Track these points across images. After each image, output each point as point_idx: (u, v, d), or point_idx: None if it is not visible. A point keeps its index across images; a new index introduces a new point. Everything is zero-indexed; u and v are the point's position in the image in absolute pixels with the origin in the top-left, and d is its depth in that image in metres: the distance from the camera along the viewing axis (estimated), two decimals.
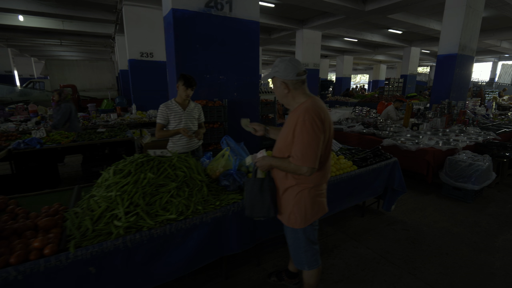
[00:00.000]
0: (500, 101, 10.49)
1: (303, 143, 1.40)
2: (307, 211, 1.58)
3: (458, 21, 6.70)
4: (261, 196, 1.58)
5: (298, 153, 1.42)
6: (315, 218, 1.64)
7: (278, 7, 10.01)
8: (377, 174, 2.86)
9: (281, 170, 1.54)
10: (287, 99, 1.56)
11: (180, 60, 3.34)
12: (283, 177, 1.59)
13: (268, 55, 22.29)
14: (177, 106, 2.66)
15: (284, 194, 1.61)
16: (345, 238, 2.75)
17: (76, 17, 10.34)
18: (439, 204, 3.55)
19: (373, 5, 8.75)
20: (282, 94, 1.54)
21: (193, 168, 1.96)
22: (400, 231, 2.89)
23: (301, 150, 1.41)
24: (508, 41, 15.66)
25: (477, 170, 3.48)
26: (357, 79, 44.59)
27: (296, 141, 1.43)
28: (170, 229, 1.62)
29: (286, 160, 1.49)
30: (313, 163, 1.42)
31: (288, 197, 1.59)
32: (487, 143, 4.31)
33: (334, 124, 5.67)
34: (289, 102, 1.56)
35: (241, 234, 1.92)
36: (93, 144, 4.10)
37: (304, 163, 1.41)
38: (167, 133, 2.62)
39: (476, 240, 2.74)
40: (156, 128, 2.67)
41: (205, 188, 1.89)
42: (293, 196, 1.57)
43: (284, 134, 1.53)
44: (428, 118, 5.71)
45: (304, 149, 1.40)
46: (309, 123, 1.39)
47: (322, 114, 1.45)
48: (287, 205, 1.60)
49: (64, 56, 20.69)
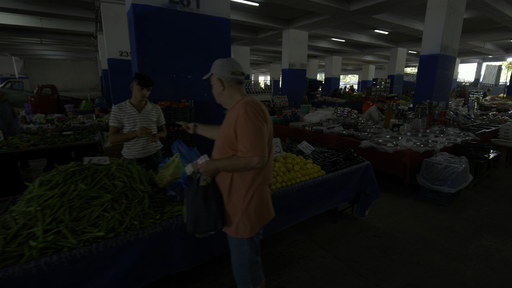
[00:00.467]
0: (482, 101, 10.61)
1: (249, 133, 1.34)
2: (257, 215, 1.47)
3: (439, 21, 6.69)
4: (206, 207, 1.42)
5: (246, 144, 1.34)
6: (262, 224, 1.52)
7: (262, 6, 9.87)
8: (347, 179, 2.72)
9: (229, 171, 1.43)
10: (223, 97, 1.52)
11: (142, 59, 3.14)
12: (228, 181, 1.45)
13: (257, 55, 22.16)
14: (132, 108, 2.46)
15: (230, 200, 1.46)
16: (314, 247, 2.60)
17: (54, 14, 9.95)
18: (416, 208, 3.45)
19: (358, 5, 8.71)
20: (218, 91, 1.52)
21: (135, 177, 1.77)
22: (372, 238, 2.76)
23: (249, 140, 1.34)
24: (491, 42, 15.95)
25: (453, 172, 3.40)
26: (347, 80, 44.99)
27: (242, 134, 1.36)
28: (97, 248, 1.42)
29: (234, 157, 1.39)
30: (263, 151, 1.36)
31: (236, 203, 1.45)
32: (465, 144, 4.25)
33: (314, 125, 5.55)
34: (226, 101, 1.52)
35: (188, 249, 1.74)
36: (56, 148, 3.85)
37: (254, 153, 1.34)
38: (121, 137, 2.40)
39: (449, 246, 2.64)
40: (109, 131, 2.46)
41: (147, 199, 1.71)
42: (241, 200, 1.44)
43: (224, 132, 1.45)
44: (409, 118, 5.64)
45: (251, 139, 1.34)
46: (251, 112, 1.36)
47: (262, 107, 1.44)
48: (235, 212, 1.45)
49: (47, 55, 20.06)
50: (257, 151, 1.34)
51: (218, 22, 3.50)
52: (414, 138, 4.47)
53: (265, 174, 1.51)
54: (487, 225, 3.04)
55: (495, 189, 4.11)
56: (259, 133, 1.36)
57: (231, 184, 1.45)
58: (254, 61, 25.61)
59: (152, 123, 2.59)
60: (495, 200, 3.72)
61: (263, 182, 1.50)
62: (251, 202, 1.44)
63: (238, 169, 1.40)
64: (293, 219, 2.37)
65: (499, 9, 8.70)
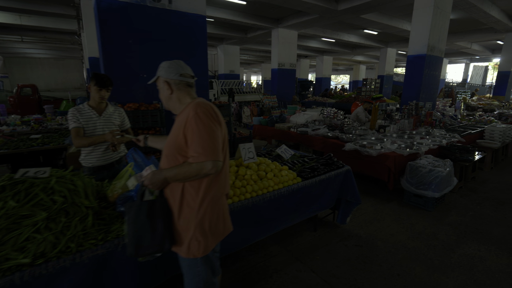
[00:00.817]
0: (469, 102, 10.68)
1: (201, 136, 1.21)
2: (212, 230, 1.31)
3: (426, 21, 6.64)
4: (150, 225, 1.24)
5: (198, 148, 1.21)
6: (218, 239, 1.36)
7: (250, 5, 9.69)
8: (326, 186, 2.57)
9: (180, 180, 1.26)
10: (172, 102, 1.38)
11: (108, 57, 2.92)
12: (179, 192, 1.28)
13: (248, 55, 21.98)
14: (91, 110, 2.25)
15: (182, 215, 1.29)
16: (290, 259, 2.44)
17: (34, 11, 9.56)
18: (399, 214, 3.33)
19: (346, 4, 8.62)
20: (166, 95, 1.38)
21: (80, 190, 1.57)
22: (352, 248, 2.62)
23: (201, 144, 1.21)
24: (477, 43, 16.16)
25: (437, 176, 3.29)
26: (340, 79, 45.23)
27: (192, 137, 1.22)
28: (21, 277, 1.22)
29: (184, 164, 1.23)
30: (217, 155, 1.23)
31: (188, 217, 1.28)
32: (450, 146, 4.16)
33: (300, 127, 5.40)
34: (175, 106, 1.38)
35: (140, 272, 1.55)
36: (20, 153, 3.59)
37: (207, 157, 1.20)
38: (87, 141, 2.14)
39: (432, 256, 2.51)
40: (72, 135, 2.21)
41: (91, 217, 1.51)
42: (195, 214, 1.27)
43: (173, 138, 1.29)
44: (395, 119, 5.56)
45: (203, 142, 1.21)
46: (202, 114, 1.24)
47: (214, 108, 1.33)
48: (187, 228, 1.28)
49: (30, 53, 19.41)
50: (210, 155, 1.21)
51: (193, 19, 3.31)
52: (400, 140, 4.37)
53: (221, 182, 1.36)
54: (471, 231, 2.94)
55: (480, 191, 4.04)
56: (212, 136, 1.23)
57: (182, 196, 1.28)
58: (246, 60, 25.41)
59: (114, 127, 2.38)
60: (480, 203, 3.63)
61: (219, 191, 1.34)
62: (206, 215, 1.28)
63: (190, 177, 1.24)
64: (265, 231, 2.20)
65: (485, 10, 8.74)
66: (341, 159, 4.22)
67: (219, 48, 16.17)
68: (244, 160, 2.31)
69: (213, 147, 1.22)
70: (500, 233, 2.91)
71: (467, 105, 9.94)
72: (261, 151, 3.18)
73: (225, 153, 1.36)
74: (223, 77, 15.81)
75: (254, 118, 6.49)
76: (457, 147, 4.08)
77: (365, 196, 3.83)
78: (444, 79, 22.18)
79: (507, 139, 5.40)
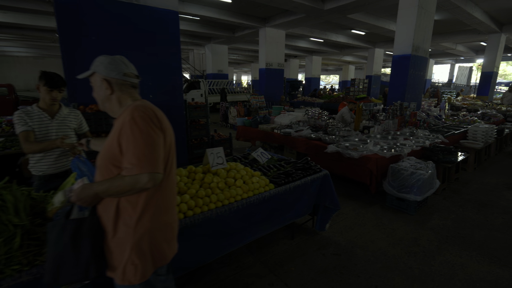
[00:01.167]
0: (454, 102, 10.81)
1: (136, 144, 1.04)
2: (153, 251, 1.13)
3: (411, 21, 6.61)
4: (74, 247, 1.05)
5: (132, 159, 1.04)
6: (160, 263, 1.17)
7: (236, 3, 9.51)
8: (301, 192, 2.42)
9: (113, 195, 1.08)
10: (111, 104, 1.21)
11: (67, 55, 2.69)
12: (113, 208, 1.10)
13: (237, 54, 21.77)
14: (41, 113, 2.03)
15: (116, 234, 1.11)
16: (263, 271, 2.28)
17: (9, 7, 9.07)
18: (381, 218, 3.23)
19: (332, 4, 8.55)
20: (104, 96, 1.20)
21: (9, 206, 1.37)
22: (330, 257, 2.48)
23: (136, 153, 1.04)
24: (462, 44, 16.46)
25: (419, 179, 3.20)
26: (330, 80, 45.55)
27: (127, 146, 1.05)
28: None
29: (117, 177, 1.05)
30: (155, 166, 1.06)
31: (124, 237, 1.09)
32: (432, 147, 4.10)
33: (283, 128, 5.26)
34: (113, 108, 1.21)
35: None
36: None
37: (142, 169, 1.03)
38: (38, 147, 1.93)
39: (412, 264, 2.40)
40: (20, 140, 1.98)
41: (19, 237, 1.30)
42: (132, 233, 1.09)
43: (107, 146, 1.11)
44: (380, 120, 5.49)
45: (139, 151, 1.04)
46: (140, 118, 1.07)
47: (158, 113, 1.16)
48: (122, 249, 1.10)
49: (8, 52, 18.62)
50: (146, 166, 1.04)
51: (164, 15, 3.11)
52: (383, 141, 4.28)
53: (165, 196, 1.18)
54: (453, 236, 2.85)
55: (463, 193, 3.99)
56: (150, 144, 1.06)
57: (117, 213, 1.11)
58: (235, 60, 25.20)
59: (70, 131, 2.17)
60: (462, 206, 3.57)
61: (162, 206, 1.17)
62: (145, 234, 1.11)
63: (123, 192, 1.06)
64: (235, 243, 2.03)
65: (468, 11, 8.84)
66: (324, 162, 4.12)
67: (207, 48, 15.92)
68: (211, 166, 2.14)
69: (150, 157, 1.05)
70: (482, 237, 2.84)
71: (452, 105, 10.05)
72: (236, 156, 3.01)
73: (171, 163, 1.20)
74: (211, 77, 15.58)
75: (238, 119, 6.32)
76: (440, 148, 4.01)
77: (347, 199, 3.71)
78: (430, 79, 22.56)
79: (490, 139, 5.41)
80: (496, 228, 3.02)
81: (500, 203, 3.66)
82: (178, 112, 3.44)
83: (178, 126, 3.46)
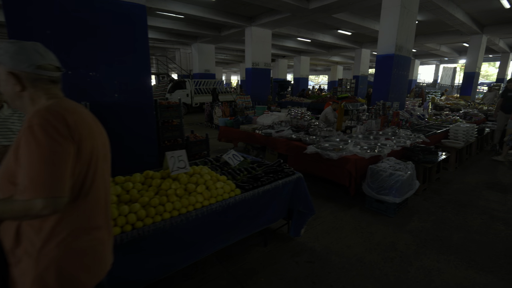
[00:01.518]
0: (437, 101, 10.95)
1: (31, 161, 0.84)
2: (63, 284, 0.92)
3: (393, 21, 6.61)
4: None
5: (24, 179, 0.85)
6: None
7: (220, 1, 9.34)
8: (271, 197, 2.28)
9: (10, 219, 0.91)
10: (22, 103, 0.99)
11: None
12: (13, 232, 0.92)
13: (225, 54, 21.54)
14: None
15: (19, 266, 0.92)
16: (230, 284, 2.12)
17: None
18: (360, 221, 3.12)
19: (316, 3, 8.49)
20: (12, 93, 0.97)
21: None
22: (303, 265, 2.35)
23: (29, 173, 0.84)
24: (446, 45, 16.79)
25: (397, 181, 3.11)
26: (319, 80, 45.87)
27: (22, 162, 0.86)
28: None
29: (8, 200, 0.87)
30: (54, 190, 0.85)
31: (25, 268, 0.90)
32: (413, 147, 4.04)
33: (266, 128, 5.11)
34: (27, 108, 0.99)
35: None
36: None
37: (35, 193, 0.83)
38: None
39: (388, 271, 2.29)
40: None
41: None
42: (34, 263, 0.89)
43: (6, 159, 0.92)
44: (362, 120, 5.43)
45: (33, 170, 0.84)
46: (39, 127, 0.85)
47: (69, 117, 0.92)
48: (22, 285, 0.91)
49: None
50: (40, 190, 0.84)
51: (129, 8, 2.91)
52: (364, 142, 4.19)
53: (85, 217, 0.98)
54: (431, 239, 2.77)
55: (444, 193, 3.94)
56: (50, 161, 0.85)
57: (17, 239, 0.92)
58: (223, 60, 24.96)
59: (12, 134, 1.95)
60: (442, 207, 3.51)
61: (80, 229, 0.97)
62: (51, 265, 0.90)
63: (19, 218, 0.88)
64: (196, 254, 1.87)
65: (450, 12, 8.95)
66: (304, 163, 4.00)
67: (193, 47, 15.65)
68: (171, 170, 1.96)
69: (48, 178, 0.85)
70: (460, 240, 2.77)
71: (436, 104, 10.17)
72: (207, 158, 2.85)
73: (93, 177, 1.00)
74: (198, 77, 15.32)
75: (220, 119, 6.15)
76: (421, 148, 3.96)
77: (326, 201, 3.60)
78: (416, 79, 22.96)
79: (471, 139, 5.42)
80: (474, 230, 2.97)
81: (480, 203, 3.62)
82: (148, 112, 3.24)
83: (148, 127, 3.27)
